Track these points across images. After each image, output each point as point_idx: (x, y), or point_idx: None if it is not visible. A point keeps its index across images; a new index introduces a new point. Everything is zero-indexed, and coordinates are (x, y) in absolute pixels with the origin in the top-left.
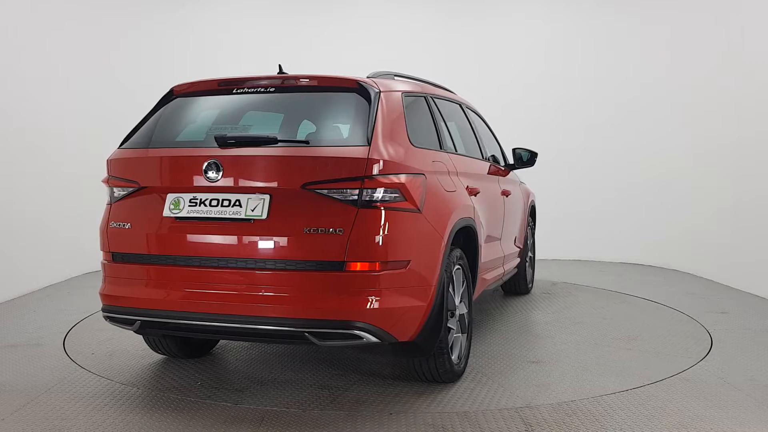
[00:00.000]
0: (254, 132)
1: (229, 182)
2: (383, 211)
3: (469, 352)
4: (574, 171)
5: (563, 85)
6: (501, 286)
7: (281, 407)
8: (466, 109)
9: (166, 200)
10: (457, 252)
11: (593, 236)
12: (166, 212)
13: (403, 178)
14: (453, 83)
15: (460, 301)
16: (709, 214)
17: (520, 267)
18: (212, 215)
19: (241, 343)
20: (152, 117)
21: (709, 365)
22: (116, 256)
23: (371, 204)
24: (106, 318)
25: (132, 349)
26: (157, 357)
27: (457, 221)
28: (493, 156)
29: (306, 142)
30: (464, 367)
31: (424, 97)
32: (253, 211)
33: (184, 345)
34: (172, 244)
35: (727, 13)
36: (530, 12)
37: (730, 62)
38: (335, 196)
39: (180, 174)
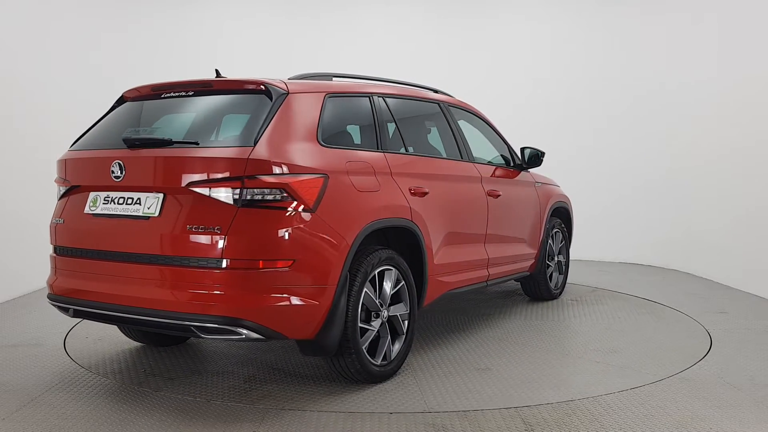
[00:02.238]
0: (159, 134)
1: (132, 181)
2: (263, 211)
3: (406, 354)
4: (574, 172)
5: (567, 87)
6: (524, 291)
7: (189, 396)
8: (447, 109)
9: (88, 198)
10: (384, 253)
11: (593, 236)
12: (87, 209)
13: (290, 178)
14: (460, 83)
15: (395, 303)
16: (710, 214)
17: (537, 271)
18: (118, 212)
19: None
20: (101, 120)
21: (708, 365)
22: (57, 249)
23: (252, 203)
24: (52, 304)
25: (119, 337)
26: (134, 344)
27: (374, 222)
28: (502, 155)
29: (196, 143)
30: (394, 369)
31: (369, 97)
32: (149, 209)
33: (148, 334)
34: (89, 238)
35: (741, 13)
36: (534, 12)
37: (735, 64)
38: (216, 195)
39: (96, 174)
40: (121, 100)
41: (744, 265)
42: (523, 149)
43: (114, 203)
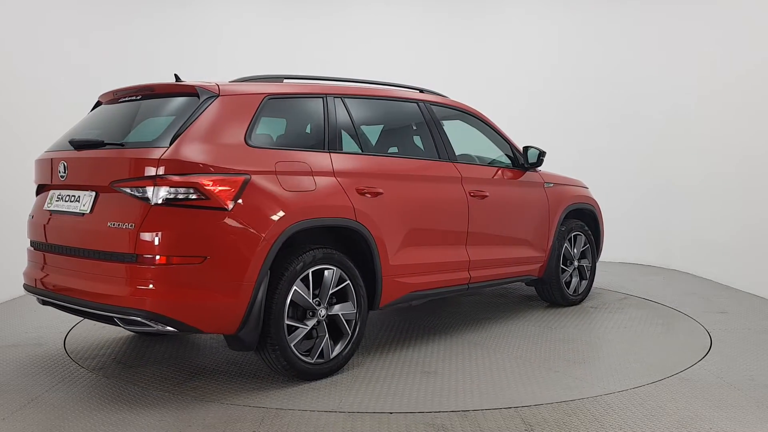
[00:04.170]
0: (104, 135)
1: (73, 180)
2: (175, 209)
3: (351, 354)
4: (576, 172)
5: (570, 89)
6: (539, 295)
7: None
8: (427, 109)
9: (48, 196)
10: (319, 252)
11: None
12: (46, 206)
13: (202, 177)
14: (464, 84)
15: (336, 303)
16: (710, 214)
17: (548, 275)
18: (64, 209)
19: None
20: (77, 123)
21: (708, 365)
22: (31, 243)
23: (163, 201)
24: (28, 293)
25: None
26: (127, 334)
27: (302, 221)
28: (507, 155)
29: (121, 144)
30: (333, 368)
31: (323, 98)
32: (84, 206)
33: None
34: (45, 233)
35: (755, 14)
36: (540, 10)
37: (737, 64)
38: (132, 193)
39: (53, 173)
40: (97, 104)
41: (744, 265)
42: (525, 149)
43: (63, 200)
